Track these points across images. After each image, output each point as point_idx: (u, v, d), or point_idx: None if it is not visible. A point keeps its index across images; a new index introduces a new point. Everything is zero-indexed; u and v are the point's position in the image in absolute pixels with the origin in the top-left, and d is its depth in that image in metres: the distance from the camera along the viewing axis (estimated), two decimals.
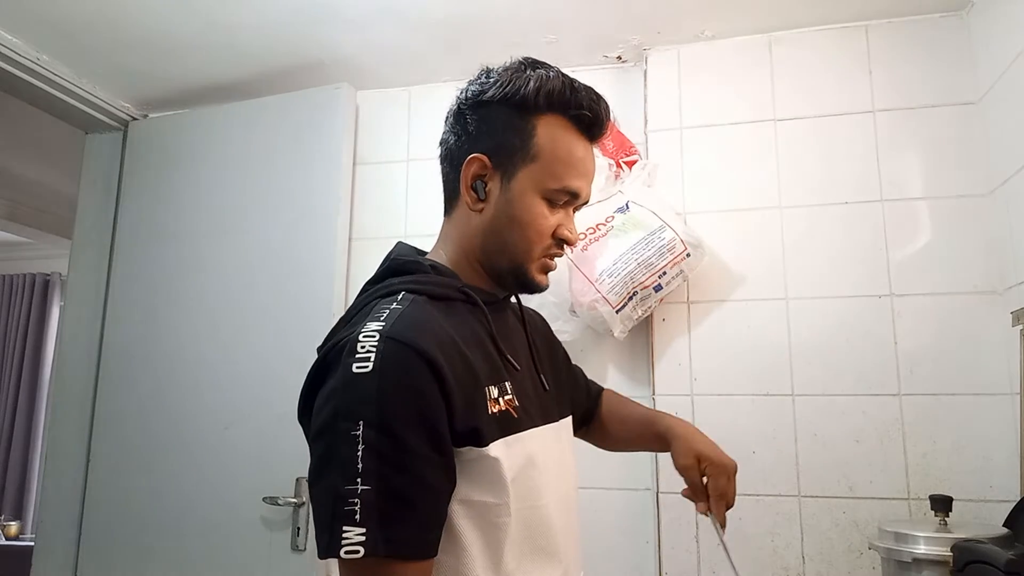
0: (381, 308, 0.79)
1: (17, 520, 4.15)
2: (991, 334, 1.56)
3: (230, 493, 1.87)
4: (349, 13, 1.75)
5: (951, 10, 1.70)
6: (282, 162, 2.03)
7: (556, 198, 0.87)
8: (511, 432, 0.81)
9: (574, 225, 0.91)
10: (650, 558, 1.69)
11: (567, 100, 0.86)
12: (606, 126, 0.90)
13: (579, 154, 0.87)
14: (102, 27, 1.82)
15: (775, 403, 1.66)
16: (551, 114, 0.86)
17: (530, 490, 0.82)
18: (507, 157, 0.86)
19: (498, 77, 0.88)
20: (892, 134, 1.70)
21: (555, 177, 0.86)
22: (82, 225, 2.26)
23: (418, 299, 0.82)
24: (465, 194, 0.88)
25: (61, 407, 2.15)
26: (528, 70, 0.88)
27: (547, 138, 0.86)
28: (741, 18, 1.78)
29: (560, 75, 0.88)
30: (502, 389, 0.83)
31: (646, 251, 1.65)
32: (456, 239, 0.91)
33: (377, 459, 0.69)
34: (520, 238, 0.87)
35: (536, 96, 0.85)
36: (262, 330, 1.93)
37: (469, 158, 0.86)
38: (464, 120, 0.89)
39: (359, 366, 0.71)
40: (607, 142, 1.81)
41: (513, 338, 0.94)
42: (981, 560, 1.07)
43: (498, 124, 0.87)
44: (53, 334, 4.51)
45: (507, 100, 0.86)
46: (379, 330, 0.74)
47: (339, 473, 0.69)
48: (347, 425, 0.69)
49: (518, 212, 0.86)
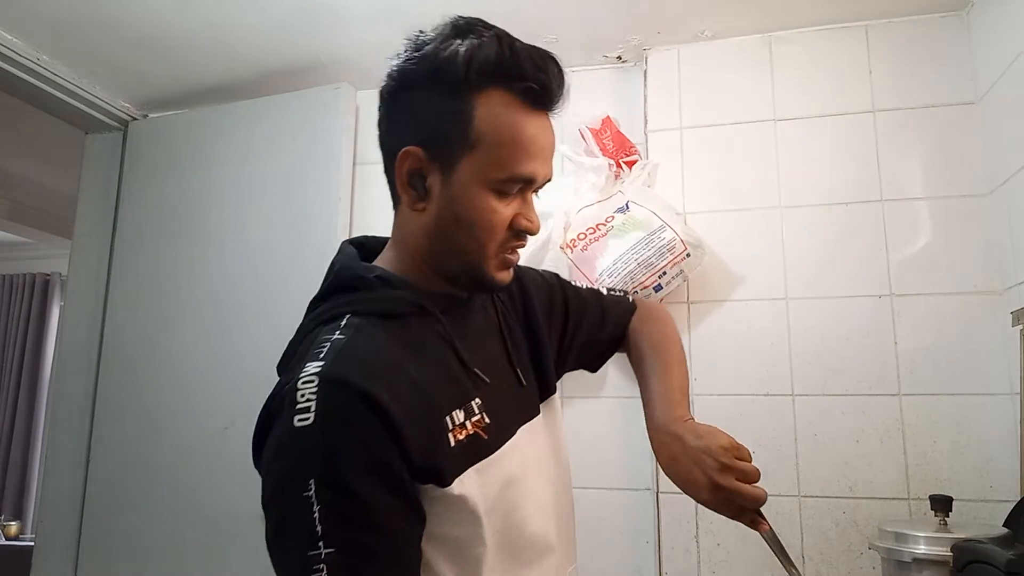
0: (322, 340, 0.71)
1: (17, 520, 4.15)
2: (991, 334, 1.56)
3: (230, 493, 1.87)
4: (349, 13, 1.75)
5: (951, 10, 1.70)
6: (282, 162, 2.02)
7: (506, 188, 0.75)
8: (483, 457, 0.75)
9: (534, 212, 0.79)
10: (650, 558, 1.69)
11: (506, 70, 0.74)
12: (560, 92, 0.77)
13: (529, 133, 0.75)
14: (102, 27, 1.82)
15: (775, 403, 1.66)
16: (489, 89, 0.74)
17: (509, 509, 0.77)
18: (444, 147, 0.74)
19: (426, 50, 0.76)
20: (892, 134, 1.70)
21: (501, 165, 0.74)
22: (82, 225, 2.26)
23: (364, 324, 0.73)
24: (403, 193, 0.78)
25: (61, 407, 2.15)
26: (457, 39, 0.75)
27: (488, 120, 0.73)
28: (741, 18, 1.77)
29: (496, 38, 0.75)
30: (469, 411, 0.76)
31: (646, 251, 1.65)
32: (404, 241, 0.81)
33: (335, 518, 0.63)
34: (470, 238, 0.76)
35: (467, 71, 0.73)
36: (262, 330, 1.93)
37: (402, 152, 0.75)
38: (394, 104, 0.78)
39: (300, 418, 0.65)
40: (607, 142, 1.81)
41: (482, 340, 0.86)
42: (981, 560, 1.07)
43: (429, 110, 0.75)
44: (53, 334, 4.52)
45: (435, 81, 0.74)
46: (318, 373, 0.67)
47: (298, 540, 0.63)
48: (298, 487, 0.64)
49: (464, 210, 0.75)
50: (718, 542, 1.62)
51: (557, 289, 1.03)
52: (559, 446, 0.94)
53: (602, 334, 1.06)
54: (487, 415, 0.78)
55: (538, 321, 0.96)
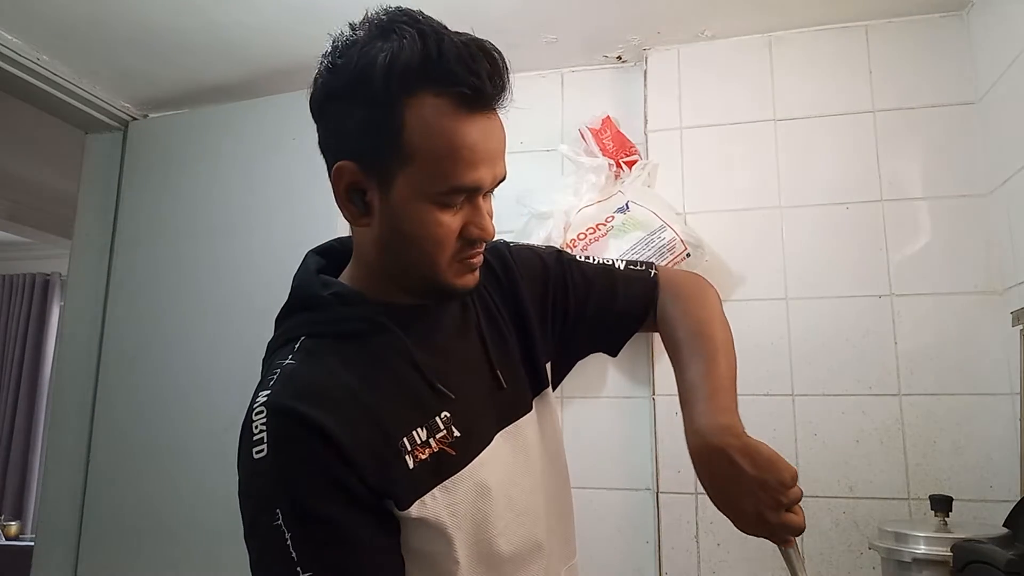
0: (274, 366, 0.72)
1: (17, 520, 4.15)
2: (991, 334, 1.56)
3: (230, 493, 1.85)
4: (349, 13, 1.75)
5: (951, 10, 1.70)
6: (282, 162, 2.02)
7: (449, 201, 0.70)
8: (451, 473, 0.73)
9: (485, 217, 0.73)
10: (650, 558, 1.69)
11: (432, 74, 0.66)
12: (498, 90, 0.69)
13: (468, 140, 0.68)
14: (102, 27, 1.82)
15: (775, 403, 1.66)
16: (418, 95, 0.67)
17: (483, 521, 0.75)
18: (377, 162, 0.69)
19: (349, 56, 0.69)
20: (892, 134, 1.70)
21: (441, 178, 0.68)
22: (82, 225, 2.26)
23: (316, 347, 0.73)
24: (343, 209, 0.73)
25: (61, 407, 2.15)
26: (379, 40, 0.67)
27: (419, 131, 0.67)
28: (741, 18, 1.77)
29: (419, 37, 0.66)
30: (432, 427, 0.73)
31: (646, 251, 1.65)
32: (360, 254, 0.78)
33: (306, 542, 0.64)
34: (419, 253, 0.71)
35: (387, 78, 0.66)
36: (262, 330, 1.92)
37: (336, 167, 0.71)
38: (320, 113, 0.73)
39: (256, 450, 0.66)
40: (607, 142, 1.81)
41: (455, 346, 0.81)
42: (981, 560, 1.07)
43: (355, 122, 0.69)
44: (53, 334, 4.52)
45: (357, 91, 0.68)
46: (265, 403, 0.68)
47: (278, 569, 0.65)
48: (266, 518, 0.65)
49: (407, 225, 0.70)
50: (718, 542, 1.62)
51: (554, 267, 0.94)
52: (553, 441, 0.91)
53: (612, 314, 0.94)
54: (456, 428, 0.75)
55: (527, 310, 0.89)
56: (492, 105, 0.70)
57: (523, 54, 1.89)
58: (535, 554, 0.82)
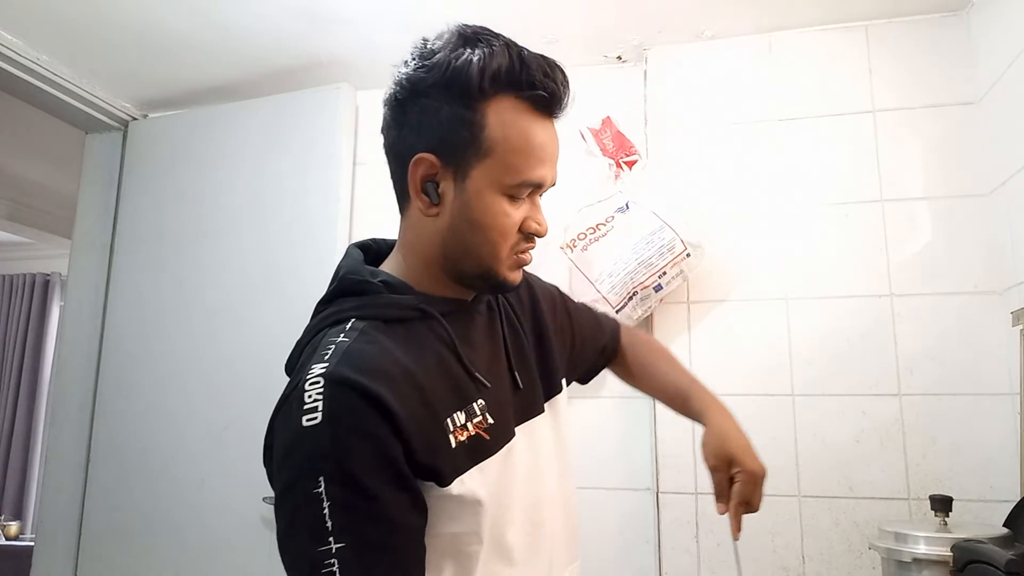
0: (327, 343, 0.74)
1: (17, 520, 4.15)
2: (991, 334, 1.56)
3: (230, 493, 1.87)
4: (349, 13, 1.75)
5: (951, 10, 1.70)
6: (282, 162, 2.03)
7: (518, 192, 0.78)
8: (484, 457, 0.78)
9: (542, 215, 0.83)
10: (650, 558, 1.69)
11: (517, 78, 0.76)
12: (566, 100, 0.80)
13: (538, 140, 0.78)
14: (102, 27, 1.82)
15: (775, 403, 1.66)
16: (500, 97, 0.76)
17: (506, 507, 0.79)
18: (458, 154, 0.76)
19: (437, 59, 0.76)
20: (892, 134, 1.70)
21: (514, 171, 0.77)
22: (82, 225, 2.26)
23: (368, 327, 0.75)
24: (416, 199, 0.79)
25: (61, 407, 2.15)
26: (467, 47, 0.76)
27: (499, 127, 0.76)
28: (741, 18, 1.78)
29: (505, 47, 0.76)
30: (470, 412, 0.78)
31: (646, 251, 1.65)
32: (413, 245, 0.83)
33: (345, 513, 0.65)
34: (484, 241, 0.78)
35: (480, 80, 0.74)
36: (262, 330, 1.93)
37: (415, 158, 0.77)
38: (403, 111, 0.79)
39: (308, 418, 0.67)
40: (607, 142, 1.81)
41: (483, 342, 0.87)
42: (981, 560, 1.07)
43: (442, 117, 0.76)
44: (53, 334, 4.52)
45: (448, 89, 0.75)
46: (323, 373, 0.69)
47: (310, 536, 0.65)
48: (308, 484, 0.66)
49: (478, 214, 0.77)
50: (718, 542, 1.62)
51: (559, 298, 1.07)
52: (563, 444, 0.95)
53: (597, 345, 1.12)
54: (490, 416, 0.80)
55: (546, 323, 0.99)
56: (559, 112, 0.80)
57: None
58: (544, 549, 0.85)
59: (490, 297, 0.91)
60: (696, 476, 1.66)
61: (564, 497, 0.93)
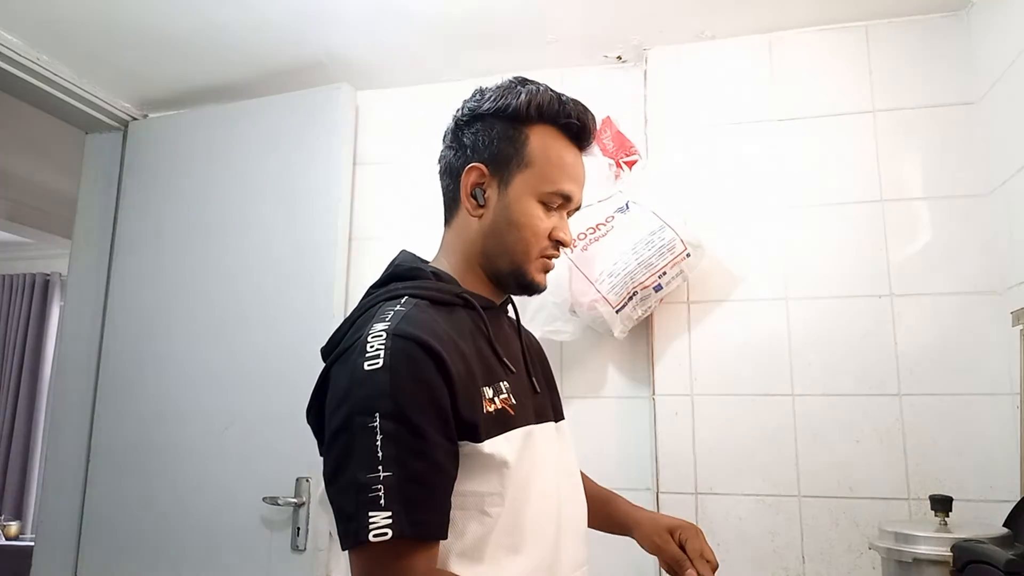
0: (385, 310, 0.84)
1: (17, 520, 4.15)
2: (991, 334, 1.56)
3: (230, 493, 1.87)
4: (349, 13, 1.75)
5: (951, 10, 1.70)
6: (282, 162, 2.03)
7: (551, 201, 0.94)
8: (508, 428, 0.86)
9: (568, 228, 0.98)
10: (650, 558, 1.69)
11: (556, 111, 0.94)
12: (593, 135, 0.98)
13: (569, 160, 0.95)
14: (102, 27, 1.82)
15: (775, 403, 1.66)
16: (542, 124, 0.94)
17: (524, 481, 0.86)
18: (503, 165, 0.93)
19: (492, 93, 0.96)
20: (892, 134, 1.70)
21: (549, 181, 0.93)
22: (82, 225, 2.26)
23: (420, 303, 0.86)
24: (465, 201, 0.95)
25: (61, 407, 2.15)
26: (519, 86, 0.96)
27: (539, 146, 0.93)
28: (741, 18, 1.78)
29: (549, 90, 0.96)
30: (497, 389, 0.88)
31: (646, 251, 1.65)
32: (457, 246, 0.97)
33: (395, 446, 0.73)
34: (519, 239, 0.93)
35: (528, 108, 0.93)
36: (262, 330, 1.93)
37: (468, 167, 0.94)
38: (461, 135, 0.97)
39: (370, 363, 0.76)
40: (607, 142, 1.81)
41: (509, 343, 0.99)
42: (981, 560, 1.07)
43: (494, 135, 0.94)
44: (53, 334, 4.52)
45: (501, 113, 0.94)
46: (386, 329, 0.79)
47: (360, 465, 0.73)
48: (364, 419, 0.74)
49: (516, 215, 0.93)
50: (718, 542, 1.62)
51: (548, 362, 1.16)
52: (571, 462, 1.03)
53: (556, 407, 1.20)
54: (513, 397, 0.90)
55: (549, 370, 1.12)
56: (586, 144, 0.98)
57: (523, 54, 1.89)
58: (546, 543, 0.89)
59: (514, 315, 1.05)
60: (696, 476, 1.66)
61: (582, 503, 1.01)
